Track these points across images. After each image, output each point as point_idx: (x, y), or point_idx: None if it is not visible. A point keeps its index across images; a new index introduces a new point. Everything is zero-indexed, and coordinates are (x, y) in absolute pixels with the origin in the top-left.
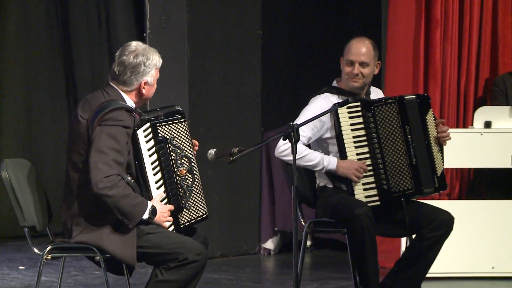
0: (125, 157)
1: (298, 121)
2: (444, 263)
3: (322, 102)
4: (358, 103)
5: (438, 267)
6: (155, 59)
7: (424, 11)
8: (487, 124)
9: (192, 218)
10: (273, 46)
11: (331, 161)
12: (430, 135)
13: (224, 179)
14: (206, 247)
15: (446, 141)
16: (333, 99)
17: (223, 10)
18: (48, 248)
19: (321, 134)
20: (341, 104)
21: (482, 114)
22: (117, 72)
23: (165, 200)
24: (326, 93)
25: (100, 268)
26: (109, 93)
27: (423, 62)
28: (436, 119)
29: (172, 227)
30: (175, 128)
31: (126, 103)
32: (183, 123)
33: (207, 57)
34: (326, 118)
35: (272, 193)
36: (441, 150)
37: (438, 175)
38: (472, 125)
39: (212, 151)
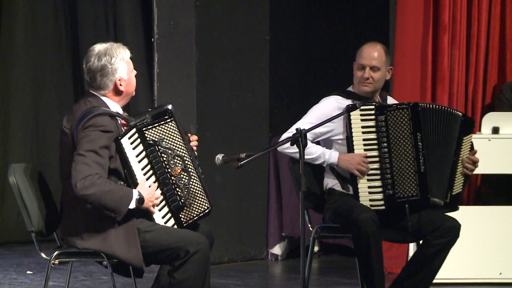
0: (106, 159)
1: (305, 118)
2: (452, 268)
3: (333, 101)
4: (373, 107)
5: (445, 273)
6: (120, 53)
7: (432, 16)
8: (495, 130)
9: (195, 215)
10: (281, 51)
11: (332, 155)
12: (461, 155)
13: (231, 184)
14: (211, 241)
15: (469, 171)
16: (345, 102)
17: (231, 15)
18: (56, 253)
19: (331, 135)
20: (353, 107)
21: (490, 119)
22: (89, 79)
23: (158, 190)
24: (338, 96)
25: (108, 273)
26: (91, 101)
27: (431, 67)
28: (472, 148)
29: (175, 227)
30: (163, 129)
31: (109, 108)
32: (171, 123)
33: (215, 62)
34: (338, 119)
35: (279, 198)
36: (466, 176)
37: (453, 193)
38: (480, 130)
39: (219, 156)
